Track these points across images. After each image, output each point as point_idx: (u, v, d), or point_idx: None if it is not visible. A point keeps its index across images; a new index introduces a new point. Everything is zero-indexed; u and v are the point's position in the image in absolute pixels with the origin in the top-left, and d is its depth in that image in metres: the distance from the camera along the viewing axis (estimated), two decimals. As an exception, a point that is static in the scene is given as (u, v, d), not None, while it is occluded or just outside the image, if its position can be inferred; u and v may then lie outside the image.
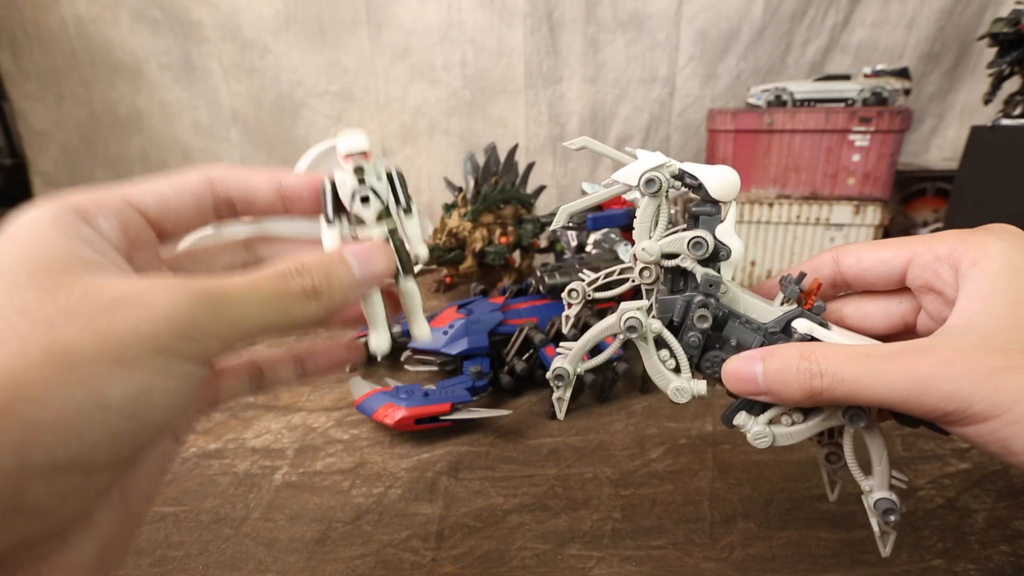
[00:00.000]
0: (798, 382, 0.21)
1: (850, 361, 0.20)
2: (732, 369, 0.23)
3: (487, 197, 0.69)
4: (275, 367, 0.25)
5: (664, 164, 0.24)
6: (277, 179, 0.23)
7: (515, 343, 0.48)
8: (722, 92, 0.97)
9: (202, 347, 0.17)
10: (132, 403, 0.15)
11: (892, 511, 0.23)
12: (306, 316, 0.20)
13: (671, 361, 0.25)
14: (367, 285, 0.22)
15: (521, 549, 0.32)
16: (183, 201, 0.21)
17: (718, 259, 0.24)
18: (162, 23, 0.95)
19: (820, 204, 0.76)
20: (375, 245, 0.23)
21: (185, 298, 0.16)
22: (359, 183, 0.23)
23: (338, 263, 0.21)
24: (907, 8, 0.91)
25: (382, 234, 0.23)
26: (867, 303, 0.26)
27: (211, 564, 0.32)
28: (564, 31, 0.96)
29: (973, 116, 0.93)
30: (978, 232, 0.22)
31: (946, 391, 0.18)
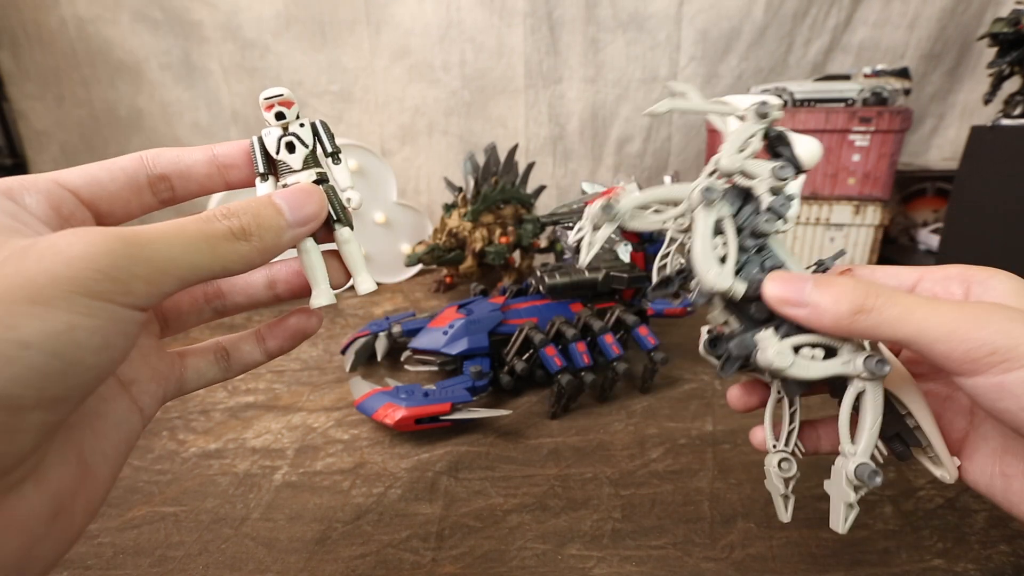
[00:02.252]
0: (847, 301, 0.21)
1: (898, 295, 0.21)
2: (777, 276, 0.23)
3: (487, 197, 0.70)
4: (239, 346, 0.26)
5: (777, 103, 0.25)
6: (210, 150, 0.24)
7: (515, 343, 0.48)
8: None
9: (127, 288, 0.17)
10: (53, 341, 0.15)
11: (876, 473, 0.22)
12: (238, 258, 0.20)
13: (722, 249, 0.24)
14: (299, 227, 0.22)
15: (521, 549, 0.32)
16: (115, 179, 0.22)
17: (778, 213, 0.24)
18: (162, 23, 0.95)
19: (820, 204, 0.76)
20: (303, 187, 0.23)
21: (101, 240, 0.16)
22: (283, 131, 0.23)
23: (267, 206, 0.21)
24: (909, 8, 0.91)
25: (311, 179, 0.24)
26: None
27: (211, 564, 0.32)
28: (564, 31, 0.96)
29: (973, 116, 0.93)
30: (981, 268, 0.24)
31: (998, 328, 0.19)
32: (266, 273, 0.26)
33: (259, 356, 0.26)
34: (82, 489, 0.19)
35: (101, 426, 0.20)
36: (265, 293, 0.26)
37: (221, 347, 0.26)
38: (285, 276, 0.26)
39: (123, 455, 0.21)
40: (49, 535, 0.18)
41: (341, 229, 0.24)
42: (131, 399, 0.22)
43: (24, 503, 0.17)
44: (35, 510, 0.17)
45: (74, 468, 0.19)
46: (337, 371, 0.55)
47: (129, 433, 0.22)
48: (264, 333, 0.26)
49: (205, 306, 0.26)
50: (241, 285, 0.26)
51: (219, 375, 0.26)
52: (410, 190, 1.04)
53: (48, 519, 0.18)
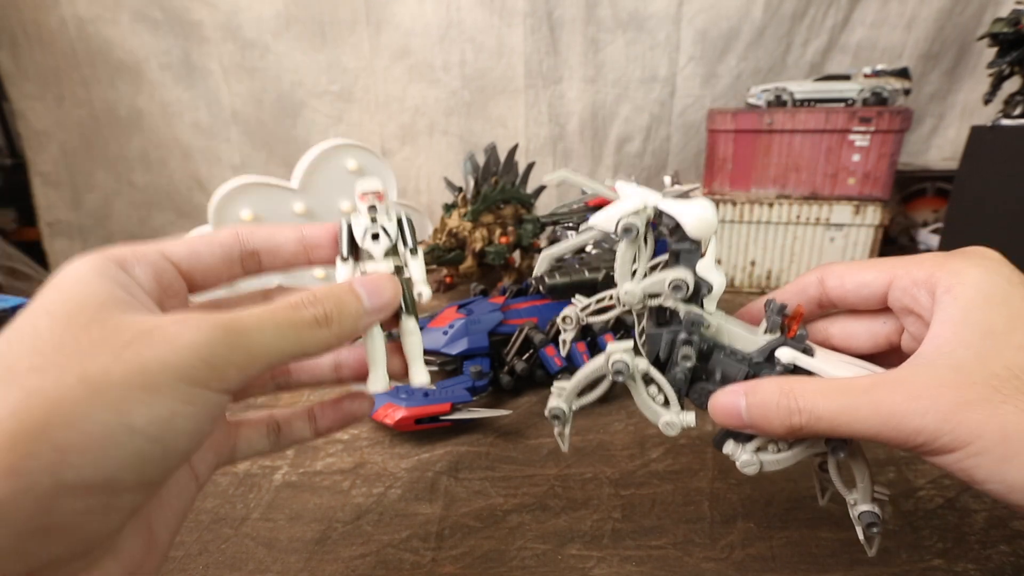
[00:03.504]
0: (778, 418, 0.22)
1: (826, 398, 0.21)
2: (718, 404, 0.24)
3: (487, 197, 0.69)
4: (291, 423, 0.27)
5: (642, 208, 0.24)
6: (299, 230, 0.25)
7: (515, 343, 0.48)
8: (722, 92, 0.97)
9: (222, 375, 0.18)
10: (158, 427, 0.16)
11: (874, 524, 0.24)
12: (318, 343, 0.21)
13: (660, 396, 0.26)
14: (375, 315, 0.23)
15: (521, 549, 0.32)
16: (213, 253, 0.23)
17: (700, 295, 0.25)
18: (162, 23, 0.95)
19: (820, 204, 0.76)
20: (383, 277, 0.24)
21: (206, 330, 0.17)
22: (371, 221, 0.25)
23: (348, 292, 0.22)
24: (907, 8, 0.91)
25: (389, 269, 0.25)
26: (853, 323, 0.27)
27: (211, 564, 0.32)
28: (564, 31, 0.96)
29: (973, 116, 0.93)
30: (955, 257, 0.23)
31: (913, 427, 0.19)
32: (334, 357, 0.27)
33: (308, 434, 0.27)
34: (148, 558, 0.20)
35: (166, 497, 0.21)
36: (330, 375, 0.27)
37: (274, 421, 0.27)
38: (352, 362, 0.27)
39: (181, 521, 0.22)
40: None
41: (408, 320, 0.26)
42: (191, 469, 0.23)
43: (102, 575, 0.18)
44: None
45: (144, 540, 0.20)
46: (337, 371, 0.55)
47: (187, 501, 0.23)
48: (316, 412, 0.27)
49: (270, 382, 0.27)
50: (308, 366, 0.27)
51: (268, 448, 0.27)
52: (410, 190, 1.04)
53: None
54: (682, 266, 0.25)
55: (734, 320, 0.26)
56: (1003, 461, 0.18)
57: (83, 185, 1.07)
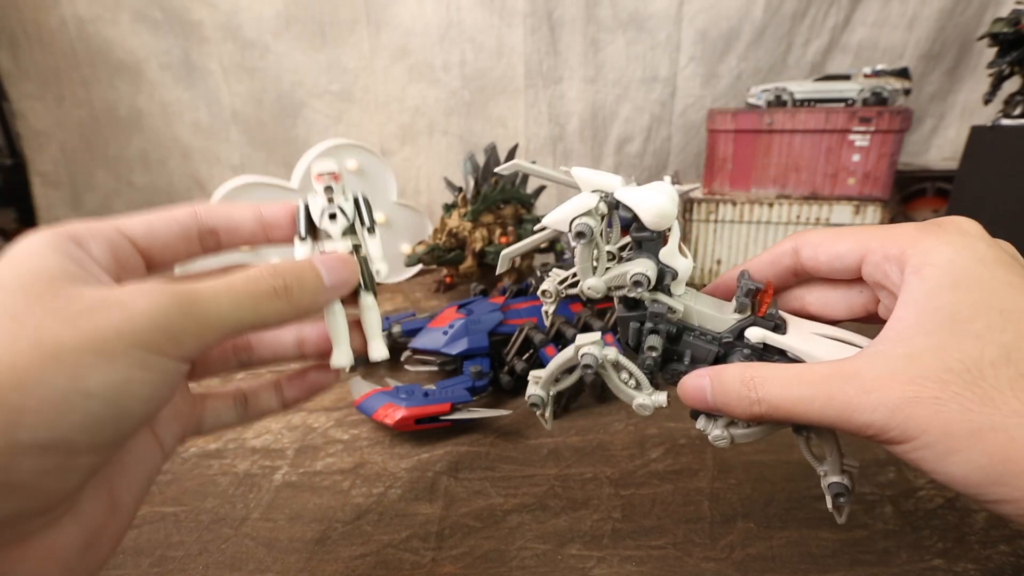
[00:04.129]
0: (740, 406, 0.22)
1: (783, 388, 0.22)
2: (685, 388, 0.25)
3: (487, 197, 0.69)
4: (258, 394, 0.27)
5: (595, 205, 0.23)
6: (258, 209, 0.25)
7: (515, 343, 0.48)
8: (723, 92, 0.97)
9: (178, 343, 0.18)
10: (112, 391, 0.16)
11: (842, 494, 0.24)
12: (276, 314, 0.21)
13: (632, 380, 0.26)
14: (334, 291, 0.24)
15: (521, 549, 0.32)
16: (170, 229, 0.23)
17: (664, 283, 0.25)
18: (162, 23, 0.95)
19: (820, 204, 0.76)
20: (341, 256, 0.25)
21: (161, 298, 0.18)
22: (328, 201, 0.25)
23: (308, 268, 0.23)
24: (907, 8, 0.91)
25: (347, 248, 0.26)
26: (828, 292, 0.27)
27: (211, 564, 0.32)
28: (564, 31, 0.95)
29: (973, 116, 0.93)
30: (929, 231, 0.22)
31: (863, 420, 0.20)
32: (296, 332, 0.27)
33: (275, 405, 0.28)
34: (110, 522, 0.20)
35: (129, 462, 0.22)
36: (292, 350, 0.27)
37: (241, 393, 0.27)
38: (314, 337, 0.27)
39: (145, 489, 0.23)
40: (81, 565, 0.19)
41: (366, 296, 0.26)
42: (155, 437, 0.23)
43: (62, 536, 0.18)
44: (71, 542, 0.18)
45: (105, 503, 0.20)
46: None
47: (151, 469, 0.23)
48: (283, 383, 0.28)
49: (232, 357, 0.27)
50: (270, 341, 0.27)
51: (235, 419, 0.27)
52: (410, 190, 1.04)
53: (81, 550, 0.19)
54: (644, 255, 0.24)
55: (705, 299, 0.26)
56: (945, 456, 0.19)
57: (83, 185, 1.07)
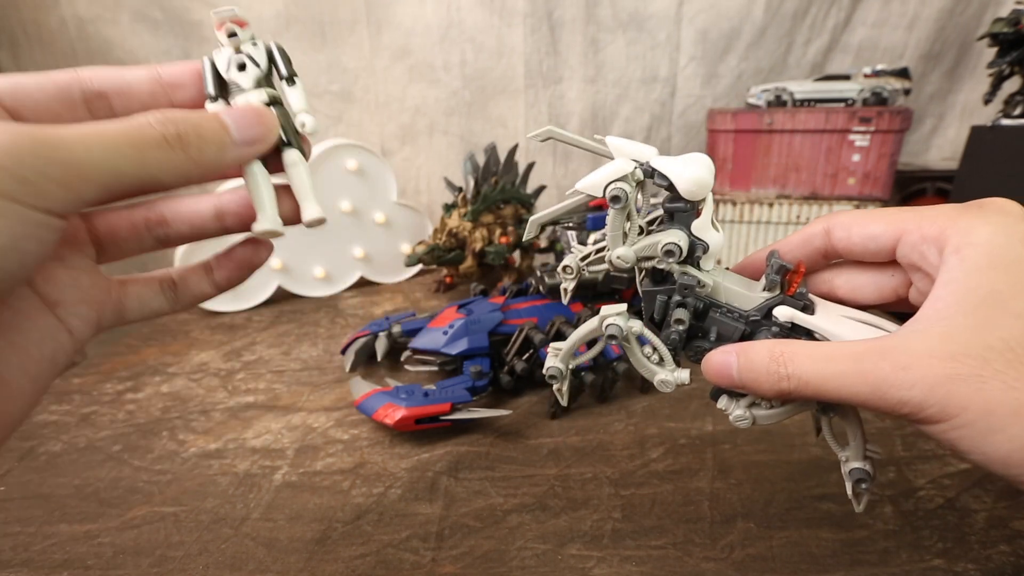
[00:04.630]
0: (768, 382, 0.22)
1: (814, 363, 0.21)
2: (711, 363, 0.24)
3: (487, 197, 0.69)
4: (187, 278, 0.25)
5: (631, 171, 0.23)
6: (154, 69, 0.22)
7: (515, 343, 0.48)
8: (723, 92, 0.97)
9: (39, 191, 0.16)
10: None
11: (864, 480, 0.24)
12: (171, 167, 0.19)
13: (655, 355, 0.26)
14: (246, 146, 0.21)
15: (521, 549, 0.32)
16: (43, 89, 0.21)
17: (695, 255, 0.24)
18: (162, 23, 0.95)
19: (820, 204, 0.76)
20: (253, 107, 0.22)
21: (8, 136, 0.15)
22: (235, 51, 0.23)
23: (210, 118, 0.20)
24: (908, 8, 0.91)
25: (262, 100, 0.23)
26: (858, 275, 0.26)
27: (211, 564, 0.32)
28: (564, 31, 0.95)
29: (973, 116, 0.93)
30: (969, 211, 0.22)
31: (899, 397, 0.19)
32: (214, 202, 0.25)
33: (208, 288, 0.26)
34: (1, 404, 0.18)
35: (20, 341, 0.20)
36: (213, 224, 0.25)
37: (168, 277, 0.25)
38: (235, 207, 0.24)
39: (48, 373, 0.21)
40: None
41: (289, 151, 0.23)
42: (57, 319, 0.21)
43: None
44: None
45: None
46: (337, 371, 0.55)
47: (55, 351, 0.21)
48: (212, 264, 0.26)
49: (146, 233, 0.24)
50: (186, 213, 0.24)
51: (165, 306, 0.25)
52: (410, 190, 1.04)
53: None
54: (676, 226, 0.24)
55: (733, 276, 0.26)
56: (986, 434, 0.18)
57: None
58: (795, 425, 0.42)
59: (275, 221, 0.23)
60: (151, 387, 0.53)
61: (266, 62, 0.23)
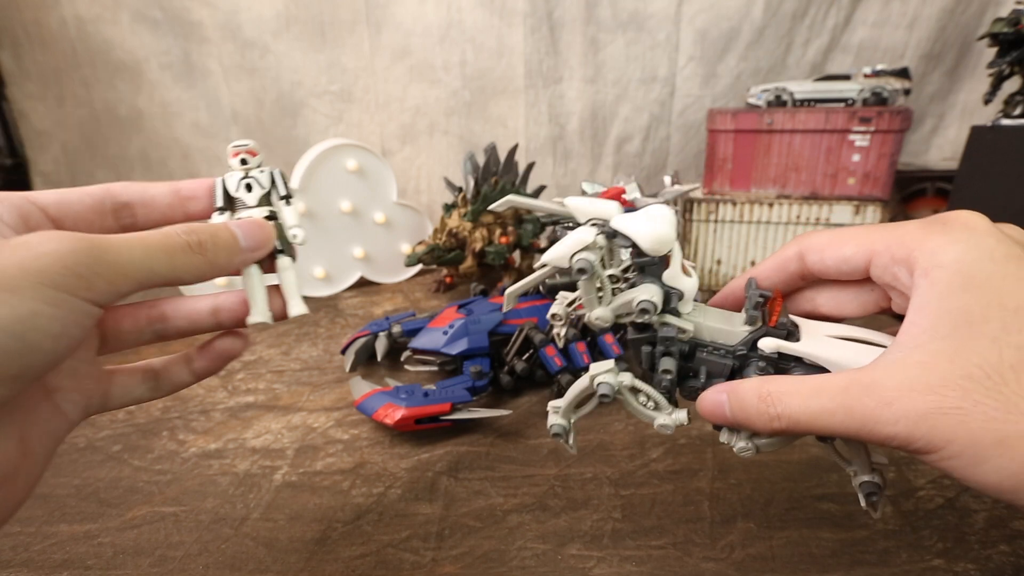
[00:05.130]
0: (760, 422, 0.22)
1: (803, 401, 0.21)
2: (704, 405, 0.25)
3: (487, 197, 0.69)
4: (169, 368, 0.27)
5: (593, 239, 0.24)
6: (174, 184, 0.27)
7: (515, 343, 0.48)
8: (723, 92, 0.97)
9: (89, 285, 0.18)
10: (18, 324, 0.17)
11: (874, 493, 0.24)
12: (192, 268, 0.22)
13: (650, 402, 0.26)
14: (250, 252, 0.25)
15: (521, 549, 0.32)
16: (82, 202, 0.24)
17: (671, 305, 0.25)
18: (162, 23, 0.95)
19: (820, 204, 0.76)
20: (256, 220, 0.26)
21: (69, 241, 0.18)
22: (244, 175, 0.27)
23: (223, 229, 0.24)
24: (908, 8, 0.91)
25: (262, 215, 0.27)
26: (839, 292, 0.27)
27: (211, 564, 0.32)
28: (564, 31, 0.95)
29: (973, 116, 0.93)
30: (935, 230, 0.22)
31: (886, 433, 0.20)
32: (212, 301, 0.27)
33: (187, 377, 0.28)
34: (23, 464, 0.21)
35: (35, 418, 0.22)
36: (208, 320, 0.27)
37: (151, 368, 0.27)
38: (230, 305, 0.27)
39: (54, 446, 0.23)
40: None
41: (282, 258, 0.27)
42: (54, 405, 0.23)
43: None
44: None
45: (16, 444, 0.20)
46: (337, 371, 0.55)
47: (56, 432, 0.23)
48: (192, 355, 0.28)
49: (146, 328, 0.27)
50: (185, 311, 0.27)
51: (147, 394, 0.27)
52: (410, 190, 1.04)
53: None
54: (648, 279, 0.25)
55: (713, 313, 0.26)
56: (974, 465, 0.18)
57: (84, 185, 1.07)
58: (795, 425, 0.42)
59: (266, 315, 0.27)
60: (151, 387, 0.53)
61: (268, 183, 0.28)
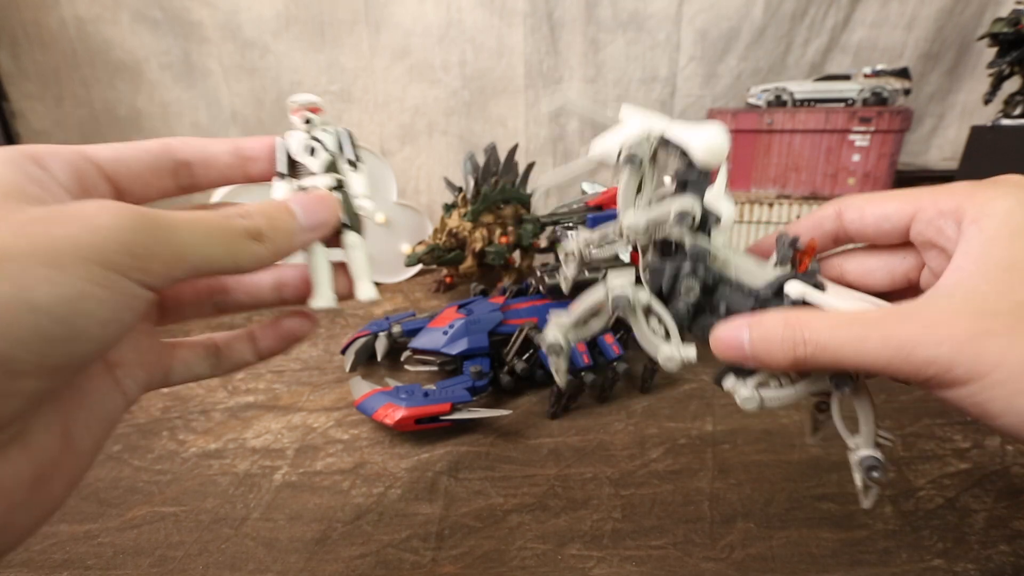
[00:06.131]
0: (782, 349, 0.21)
1: (832, 328, 0.20)
2: (720, 336, 0.23)
3: (487, 197, 0.69)
4: (232, 345, 0.26)
5: (646, 136, 0.22)
6: (234, 143, 0.24)
7: (515, 343, 0.48)
8: (723, 92, 0.97)
9: (143, 266, 0.17)
10: (63, 306, 0.15)
11: (876, 468, 0.23)
12: (251, 257, 0.20)
13: (661, 328, 0.24)
14: (311, 232, 0.23)
15: (521, 549, 0.32)
16: (139, 159, 0.22)
17: (708, 226, 0.24)
18: (162, 23, 0.95)
19: (820, 204, 0.76)
20: (319, 194, 0.24)
21: (127, 215, 0.16)
22: (307, 135, 0.25)
23: (281, 208, 0.22)
24: (907, 8, 0.91)
25: (327, 184, 0.24)
26: (869, 259, 0.26)
27: (211, 564, 0.32)
28: (564, 31, 0.95)
29: (973, 116, 0.93)
30: (985, 186, 0.21)
31: (926, 356, 0.18)
32: (275, 275, 0.26)
33: (250, 356, 0.26)
34: (64, 460, 0.19)
35: (85, 401, 0.20)
36: (270, 295, 0.26)
37: (213, 343, 0.26)
38: (293, 281, 0.26)
39: (105, 433, 0.21)
40: (30, 502, 0.18)
41: (349, 234, 0.25)
42: (115, 380, 0.22)
43: (8, 466, 0.17)
44: (18, 475, 0.17)
45: (58, 438, 0.19)
46: (337, 371, 0.55)
47: (112, 412, 0.21)
48: (258, 334, 0.26)
49: (207, 300, 0.25)
50: (247, 284, 0.26)
51: (208, 371, 0.26)
52: (410, 190, 1.04)
53: (30, 486, 0.18)
54: (689, 195, 0.23)
55: (743, 253, 0.25)
56: (1020, 394, 0.17)
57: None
58: (795, 425, 0.42)
59: (331, 298, 0.25)
60: (151, 387, 0.53)
61: (335, 146, 0.25)
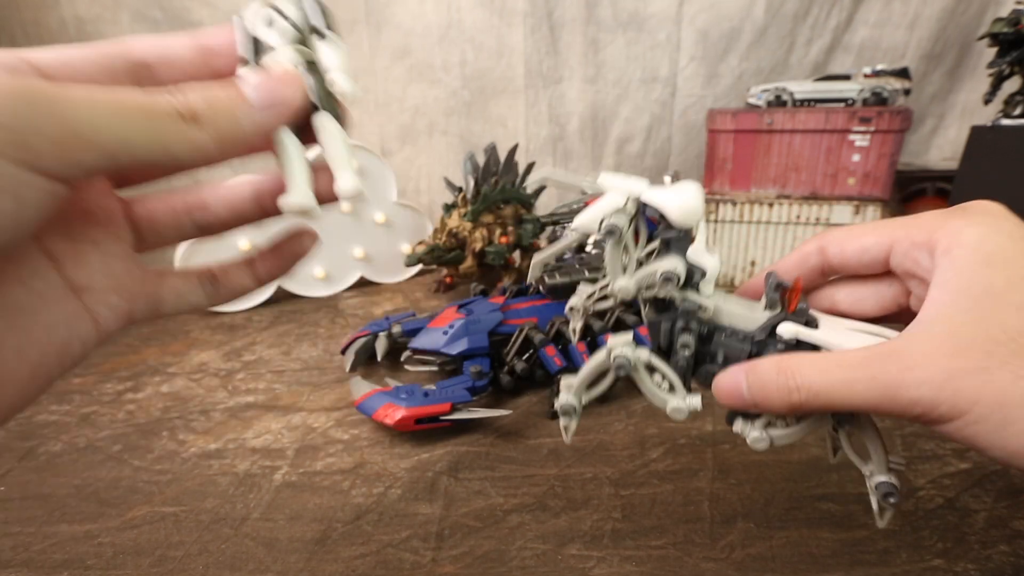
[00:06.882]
0: (778, 396, 0.22)
1: (822, 373, 0.21)
2: (720, 386, 0.24)
3: (487, 197, 0.69)
4: (229, 272, 0.24)
5: (624, 204, 0.24)
6: (195, 36, 0.21)
7: (515, 343, 0.48)
8: (724, 92, 0.97)
9: (30, 149, 0.14)
10: None
11: (891, 494, 0.24)
12: (186, 143, 0.17)
13: (665, 383, 0.26)
14: (266, 111, 0.19)
15: (521, 549, 0.32)
16: (91, 61, 0.20)
17: (694, 281, 0.25)
18: (162, 23, 0.95)
19: (820, 204, 0.76)
20: (274, 67, 0.20)
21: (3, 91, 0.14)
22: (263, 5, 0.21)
23: (223, 85, 0.19)
24: (909, 8, 0.91)
25: (292, 59, 0.21)
26: (859, 288, 0.26)
27: (211, 564, 0.32)
28: (564, 31, 0.95)
29: (973, 116, 0.93)
30: (955, 214, 0.22)
31: (909, 398, 0.19)
32: (253, 184, 0.24)
33: (249, 282, 0.25)
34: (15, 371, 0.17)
35: (25, 324, 0.18)
36: (252, 208, 0.24)
37: (209, 271, 0.24)
38: (273, 188, 0.23)
39: (55, 363, 0.19)
40: None
41: (320, 115, 0.21)
42: (83, 306, 0.20)
43: None
44: None
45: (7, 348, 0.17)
46: (337, 371, 0.55)
47: (69, 340, 0.19)
48: (255, 258, 0.25)
49: (186, 218, 0.23)
50: (226, 196, 0.24)
51: (204, 300, 0.24)
52: (410, 190, 1.04)
53: None
54: (673, 254, 0.25)
55: (733, 299, 0.26)
56: (1002, 428, 0.18)
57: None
58: (795, 425, 0.42)
59: (306, 195, 0.21)
60: (151, 387, 0.53)
61: (300, 18, 0.21)
